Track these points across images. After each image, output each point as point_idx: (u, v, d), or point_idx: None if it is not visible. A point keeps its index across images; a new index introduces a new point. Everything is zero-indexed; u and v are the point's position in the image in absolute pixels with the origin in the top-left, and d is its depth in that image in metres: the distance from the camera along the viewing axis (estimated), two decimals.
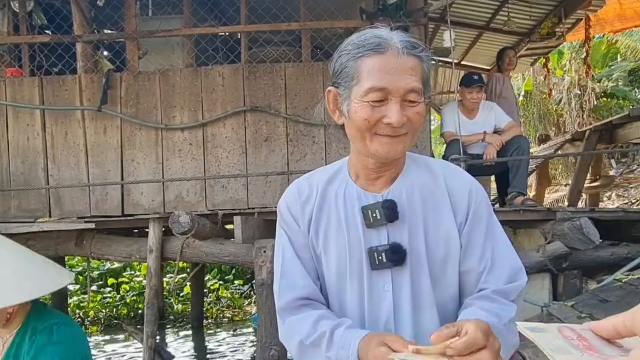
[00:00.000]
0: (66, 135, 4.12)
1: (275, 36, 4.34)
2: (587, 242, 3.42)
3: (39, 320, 1.56)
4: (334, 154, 3.99)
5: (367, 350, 0.96)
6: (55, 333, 1.53)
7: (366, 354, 0.96)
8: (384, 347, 0.93)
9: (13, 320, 1.55)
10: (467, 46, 7.28)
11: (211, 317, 7.68)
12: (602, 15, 6.51)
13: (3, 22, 4.23)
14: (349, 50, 1.06)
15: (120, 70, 4.21)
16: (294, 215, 1.18)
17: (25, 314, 1.56)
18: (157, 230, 3.85)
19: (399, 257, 1.08)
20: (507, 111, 4.64)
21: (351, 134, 1.10)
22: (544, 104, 11.95)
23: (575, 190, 5.91)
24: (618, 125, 5.47)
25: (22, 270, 1.52)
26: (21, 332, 1.54)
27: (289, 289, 1.14)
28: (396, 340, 0.94)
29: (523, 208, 3.84)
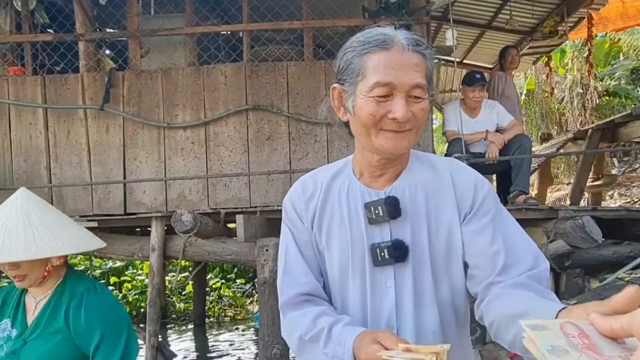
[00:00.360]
0: (69, 134, 4.12)
1: (277, 35, 4.34)
2: (589, 241, 3.42)
3: (77, 282, 1.60)
4: (336, 152, 3.99)
5: (360, 347, 0.97)
6: (100, 291, 1.60)
7: (358, 351, 0.97)
8: (377, 344, 0.94)
9: (47, 281, 1.57)
10: (469, 45, 7.28)
11: (213, 315, 7.69)
12: (605, 13, 6.49)
13: (5, 21, 4.24)
14: (354, 47, 1.07)
15: (122, 69, 4.21)
16: (298, 212, 1.19)
17: (60, 277, 1.59)
18: (160, 229, 3.86)
19: (402, 253, 1.09)
20: (510, 110, 4.63)
21: (356, 130, 1.11)
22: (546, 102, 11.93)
23: (577, 189, 5.90)
24: (620, 123, 5.45)
25: (65, 227, 1.57)
26: (58, 293, 1.56)
27: (292, 284, 1.15)
28: (389, 337, 0.94)
29: (525, 207, 3.83)
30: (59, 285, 1.58)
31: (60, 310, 1.54)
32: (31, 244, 1.47)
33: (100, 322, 1.53)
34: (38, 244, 1.47)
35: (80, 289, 1.57)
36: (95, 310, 1.54)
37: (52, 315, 1.54)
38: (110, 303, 1.60)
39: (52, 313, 1.54)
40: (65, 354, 1.52)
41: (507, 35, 6.75)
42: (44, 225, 1.51)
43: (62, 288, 1.58)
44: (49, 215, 1.56)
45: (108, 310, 1.58)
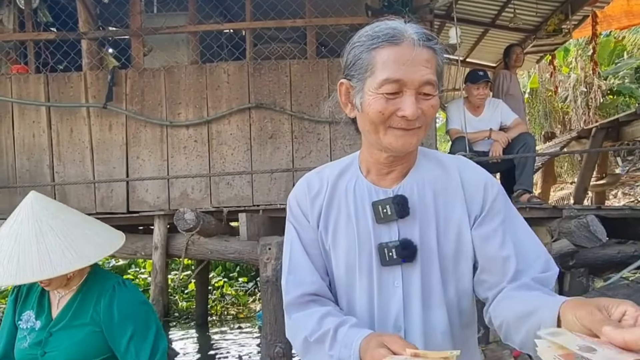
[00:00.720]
0: (71, 132, 4.12)
1: (280, 33, 4.33)
2: (594, 240, 3.41)
3: (104, 278, 1.62)
4: (339, 150, 3.98)
5: (367, 350, 0.95)
6: (130, 286, 1.62)
7: (365, 354, 0.95)
8: (383, 348, 0.91)
9: (72, 280, 1.58)
10: (473, 43, 7.25)
11: (215, 314, 7.69)
12: (609, 12, 6.46)
13: (9, 19, 4.24)
14: (362, 42, 1.04)
15: (125, 67, 4.21)
16: (303, 210, 1.17)
17: (84, 273, 1.60)
18: (162, 227, 3.87)
19: (410, 253, 1.07)
20: (514, 108, 4.61)
21: (364, 127, 1.08)
22: (549, 101, 11.89)
23: (581, 188, 5.88)
24: (625, 122, 5.43)
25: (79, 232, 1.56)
26: (84, 289, 1.57)
27: (297, 284, 1.13)
28: (396, 341, 0.92)
29: (529, 205, 3.82)
30: (84, 282, 1.59)
31: (88, 304, 1.55)
32: (45, 262, 1.46)
33: (132, 317, 1.55)
34: (52, 259, 1.46)
35: (109, 283, 1.58)
36: (128, 305, 1.56)
37: (79, 308, 1.55)
38: (140, 298, 1.62)
39: (79, 307, 1.55)
40: (93, 346, 1.53)
41: (510, 34, 6.72)
42: (55, 235, 1.50)
43: (87, 284, 1.59)
44: (61, 221, 1.54)
45: (139, 305, 1.60)
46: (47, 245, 1.48)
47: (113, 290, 1.56)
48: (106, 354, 1.55)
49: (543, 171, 7.24)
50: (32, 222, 1.50)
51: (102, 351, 1.54)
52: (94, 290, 1.57)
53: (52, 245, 1.48)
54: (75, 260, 1.49)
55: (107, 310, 1.53)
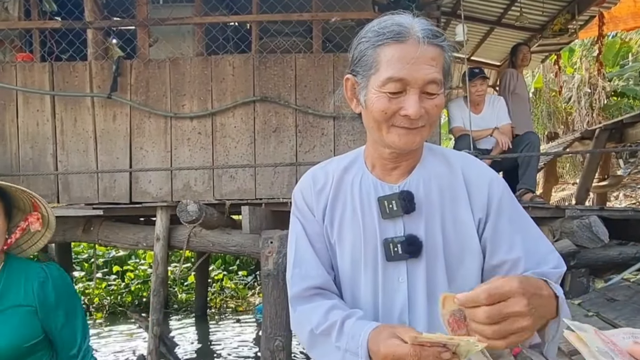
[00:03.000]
0: (75, 122, 4.12)
1: (286, 26, 4.32)
2: (596, 241, 3.41)
3: (27, 261, 1.55)
4: (342, 146, 3.98)
5: (378, 341, 0.95)
6: (58, 266, 1.56)
7: (377, 345, 0.95)
8: (396, 338, 0.92)
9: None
10: (478, 41, 7.23)
11: (215, 307, 7.72)
12: (616, 12, 6.43)
13: (14, 7, 4.23)
14: (368, 38, 1.03)
15: (130, 58, 4.20)
16: (308, 204, 1.17)
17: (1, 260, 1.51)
18: (165, 219, 3.87)
19: (415, 248, 1.07)
20: (520, 107, 4.61)
21: (368, 124, 1.08)
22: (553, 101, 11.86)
23: (583, 188, 5.87)
24: (629, 124, 5.42)
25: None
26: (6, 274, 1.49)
27: (302, 278, 1.13)
28: (408, 332, 0.92)
29: (532, 205, 3.82)
30: (4, 267, 1.50)
31: (16, 285, 1.47)
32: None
33: (67, 296, 1.53)
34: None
35: (35, 265, 1.53)
36: (62, 284, 1.52)
37: (6, 291, 1.46)
38: (69, 279, 1.60)
39: (5, 289, 1.46)
40: (30, 328, 1.46)
41: (516, 33, 6.70)
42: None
43: (7, 268, 1.50)
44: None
45: (70, 285, 1.58)
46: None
47: (43, 270, 1.51)
48: (39, 335, 1.48)
49: (545, 171, 7.23)
50: None
51: (37, 333, 1.47)
52: (19, 271, 1.50)
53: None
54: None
55: (41, 289, 1.47)
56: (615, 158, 9.36)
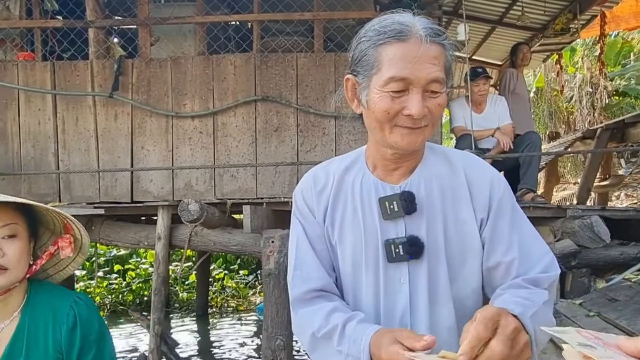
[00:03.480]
0: (77, 121, 4.13)
1: (287, 26, 4.31)
2: (597, 241, 3.41)
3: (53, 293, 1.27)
4: (344, 145, 3.97)
5: (380, 346, 0.94)
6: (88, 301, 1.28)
7: (378, 350, 0.94)
8: (397, 344, 0.91)
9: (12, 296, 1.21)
10: (479, 41, 7.22)
11: (216, 306, 7.73)
12: (618, 12, 6.42)
13: (16, 6, 4.23)
14: (369, 37, 1.02)
15: (132, 57, 4.21)
16: (309, 206, 1.16)
17: (25, 291, 1.24)
18: (166, 218, 3.87)
19: (417, 249, 1.06)
20: (520, 107, 4.61)
21: (370, 124, 1.07)
22: (554, 101, 11.84)
23: (584, 188, 5.86)
24: (630, 124, 5.41)
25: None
26: (29, 313, 1.22)
27: (303, 280, 1.12)
28: (408, 337, 0.92)
29: (533, 205, 3.82)
30: (27, 304, 1.22)
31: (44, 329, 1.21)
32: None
33: (94, 348, 1.25)
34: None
35: (65, 300, 1.25)
36: (90, 332, 1.25)
37: (33, 338, 1.19)
38: (99, 321, 1.30)
39: (32, 336, 1.19)
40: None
41: (517, 32, 6.69)
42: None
43: (32, 304, 1.23)
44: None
45: (100, 330, 1.28)
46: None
47: (73, 310, 1.23)
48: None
49: (546, 171, 7.23)
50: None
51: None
52: (45, 309, 1.22)
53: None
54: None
55: (69, 335, 1.21)
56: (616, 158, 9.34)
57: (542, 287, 1.05)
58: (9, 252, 1.16)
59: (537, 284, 1.04)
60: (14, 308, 1.20)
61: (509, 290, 1.03)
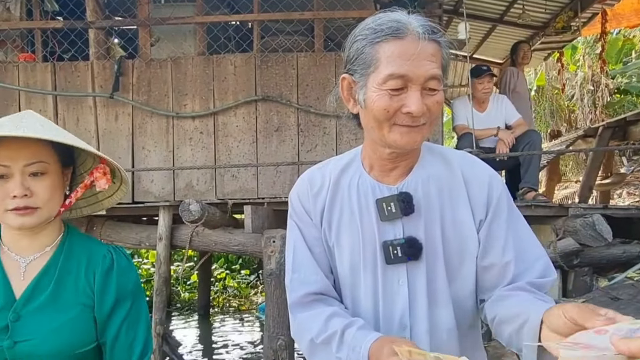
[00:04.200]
0: (78, 122, 4.13)
1: (287, 25, 4.31)
2: (599, 239, 3.40)
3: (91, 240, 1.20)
4: (344, 145, 3.97)
5: (380, 356, 0.93)
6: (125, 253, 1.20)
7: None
8: (397, 357, 0.90)
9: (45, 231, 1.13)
10: (480, 39, 7.21)
11: (217, 306, 7.74)
12: (619, 9, 6.41)
13: (16, 7, 4.23)
14: (365, 35, 1.01)
15: (132, 57, 4.21)
16: (305, 208, 1.15)
17: (60, 231, 1.17)
18: (167, 218, 3.87)
19: (415, 251, 1.05)
20: (521, 106, 4.60)
21: (367, 124, 1.06)
22: (556, 99, 11.82)
23: (586, 187, 5.85)
24: (632, 122, 5.40)
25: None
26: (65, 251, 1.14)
27: (301, 283, 1.11)
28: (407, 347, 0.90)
29: (534, 203, 3.81)
30: (62, 243, 1.15)
31: (75, 272, 1.12)
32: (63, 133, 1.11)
33: (131, 295, 1.15)
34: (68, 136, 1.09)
35: (102, 247, 1.17)
36: (128, 277, 1.16)
37: (63, 279, 1.11)
38: (136, 273, 1.22)
39: (62, 276, 1.11)
40: (83, 331, 1.10)
41: (518, 30, 6.68)
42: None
43: (67, 245, 1.15)
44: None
45: (137, 282, 1.19)
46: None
47: (110, 254, 1.16)
48: (92, 342, 1.12)
49: (548, 169, 7.21)
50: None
51: (90, 338, 1.12)
52: (81, 251, 1.15)
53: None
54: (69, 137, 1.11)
55: (104, 281, 1.12)
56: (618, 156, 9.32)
57: (545, 292, 1.04)
58: (39, 190, 1.07)
59: (541, 288, 1.03)
60: (47, 243, 1.14)
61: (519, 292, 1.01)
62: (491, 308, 1.04)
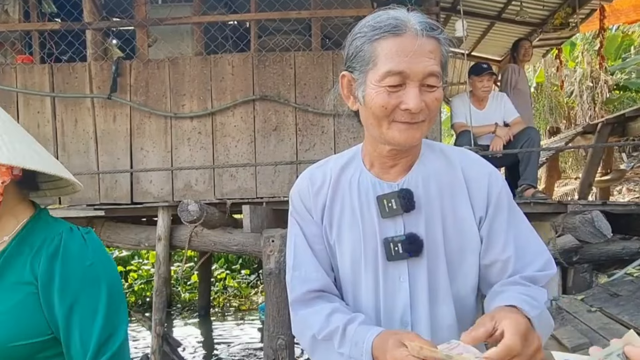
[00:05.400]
0: (76, 123, 4.12)
1: (285, 24, 4.31)
2: (598, 236, 3.39)
3: (52, 225, 1.09)
4: (343, 143, 3.97)
5: (385, 349, 0.93)
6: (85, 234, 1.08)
7: (383, 354, 0.93)
8: (403, 348, 0.90)
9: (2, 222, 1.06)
10: (478, 37, 7.20)
11: (218, 306, 7.73)
12: (617, 5, 6.40)
13: (14, 9, 4.23)
14: (364, 33, 1.02)
15: (129, 58, 4.20)
16: (306, 206, 1.15)
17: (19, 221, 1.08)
18: (166, 219, 3.87)
19: (416, 247, 1.06)
20: (521, 103, 4.59)
21: (367, 121, 1.06)
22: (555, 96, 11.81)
23: (586, 183, 5.85)
24: (631, 118, 5.39)
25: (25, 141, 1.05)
26: (19, 238, 1.06)
27: (302, 281, 1.12)
28: (414, 339, 0.91)
29: (534, 200, 3.80)
30: (21, 231, 1.07)
31: (25, 255, 1.04)
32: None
33: (77, 284, 1.02)
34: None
35: (58, 229, 1.07)
36: (76, 265, 1.02)
37: (11, 261, 1.04)
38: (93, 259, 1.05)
39: (10, 259, 1.04)
40: (31, 317, 1.01)
41: (516, 27, 6.67)
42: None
43: (26, 231, 1.07)
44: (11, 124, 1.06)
45: (92, 268, 1.04)
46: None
47: (60, 237, 1.04)
48: (45, 333, 1.02)
49: (547, 166, 7.21)
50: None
51: (40, 327, 1.02)
52: (36, 237, 1.06)
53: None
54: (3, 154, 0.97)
55: (49, 265, 1.01)
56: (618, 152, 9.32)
57: (540, 285, 1.05)
58: None
59: (535, 282, 1.05)
60: (5, 234, 1.06)
61: (510, 287, 1.03)
62: (487, 303, 1.06)
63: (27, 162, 0.99)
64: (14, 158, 0.97)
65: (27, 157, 1.00)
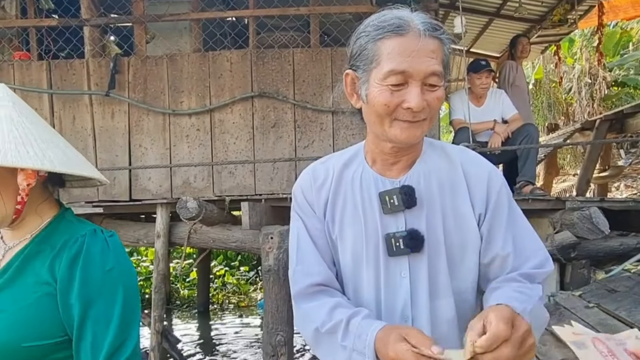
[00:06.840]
0: (74, 120, 4.12)
1: (283, 21, 4.30)
2: (596, 232, 3.40)
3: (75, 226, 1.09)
4: (341, 140, 3.97)
5: (387, 343, 0.95)
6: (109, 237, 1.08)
7: (385, 347, 0.95)
8: (404, 342, 0.92)
9: (25, 222, 1.07)
10: (477, 33, 7.20)
11: (217, 302, 7.75)
12: (616, 1, 6.41)
13: (11, 6, 4.21)
14: (368, 32, 1.04)
15: (128, 55, 4.19)
16: (309, 201, 1.17)
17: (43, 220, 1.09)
18: (165, 216, 3.87)
19: (417, 243, 1.07)
20: (519, 99, 4.59)
21: (369, 119, 1.08)
22: (553, 92, 11.82)
23: (584, 180, 5.85)
24: (629, 114, 5.39)
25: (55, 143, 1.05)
26: (40, 238, 1.06)
27: (304, 275, 1.13)
28: (416, 335, 0.92)
29: (532, 197, 3.81)
30: (44, 230, 1.07)
31: (44, 255, 1.04)
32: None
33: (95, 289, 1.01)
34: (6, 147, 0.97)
35: (81, 231, 1.06)
36: (95, 271, 1.01)
37: (29, 260, 1.04)
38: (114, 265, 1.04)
39: (28, 258, 1.04)
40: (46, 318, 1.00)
41: (515, 24, 6.67)
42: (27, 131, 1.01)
43: (48, 231, 1.07)
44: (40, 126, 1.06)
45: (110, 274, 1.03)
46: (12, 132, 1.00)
47: (83, 240, 1.03)
48: (60, 334, 1.01)
49: (546, 163, 7.22)
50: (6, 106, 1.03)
51: (56, 328, 1.01)
52: (58, 237, 1.05)
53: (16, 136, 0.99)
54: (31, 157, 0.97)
55: (68, 269, 1.00)
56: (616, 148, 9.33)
57: (536, 282, 1.07)
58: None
59: (531, 279, 1.07)
60: (27, 232, 1.08)
61: (505, 284, 1.05)
62: (485, 299, 1.08)
63: (57, 166, 1.00)
64: (41, 164, 0.98)
65: (56, 160, 1.01)
